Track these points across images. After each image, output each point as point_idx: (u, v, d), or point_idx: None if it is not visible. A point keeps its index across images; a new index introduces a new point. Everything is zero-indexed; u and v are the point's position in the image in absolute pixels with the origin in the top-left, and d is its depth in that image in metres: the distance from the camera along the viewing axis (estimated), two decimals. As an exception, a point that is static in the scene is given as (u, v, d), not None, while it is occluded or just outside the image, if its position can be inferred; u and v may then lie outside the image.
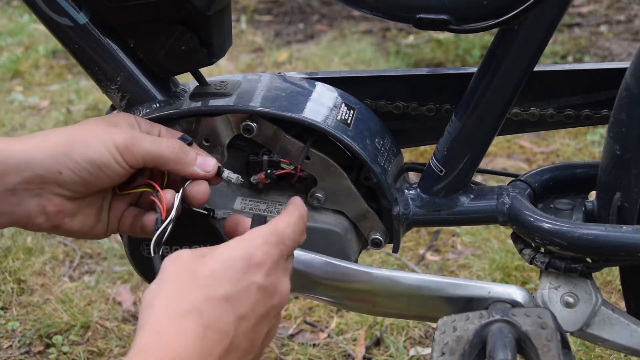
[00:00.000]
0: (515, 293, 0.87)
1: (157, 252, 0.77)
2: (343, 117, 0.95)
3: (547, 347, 0.73)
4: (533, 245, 0.94)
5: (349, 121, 0.95)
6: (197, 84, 0.99)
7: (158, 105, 0.94)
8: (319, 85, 1.00)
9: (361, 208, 0.97)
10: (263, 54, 3.31)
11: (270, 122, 0.93)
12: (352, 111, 0.97)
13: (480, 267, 1.77)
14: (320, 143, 0.94)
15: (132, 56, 0.93)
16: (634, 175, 0.88)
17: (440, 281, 0.90)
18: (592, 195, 0.96)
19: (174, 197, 0.81)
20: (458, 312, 0.80)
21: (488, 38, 2.87)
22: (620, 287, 1.27)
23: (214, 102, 0.94)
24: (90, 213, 0.83)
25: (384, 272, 0.91)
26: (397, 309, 0.95)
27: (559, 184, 1.00)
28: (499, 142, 2.35)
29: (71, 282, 1.79)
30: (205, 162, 0.83)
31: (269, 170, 0.94)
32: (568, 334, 0.90)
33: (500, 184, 1.02)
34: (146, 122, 0.88)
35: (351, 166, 0.97)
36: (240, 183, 0.87)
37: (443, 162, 0.96)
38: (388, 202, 0.96)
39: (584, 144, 2.32)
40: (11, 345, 1.60)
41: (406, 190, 1.00)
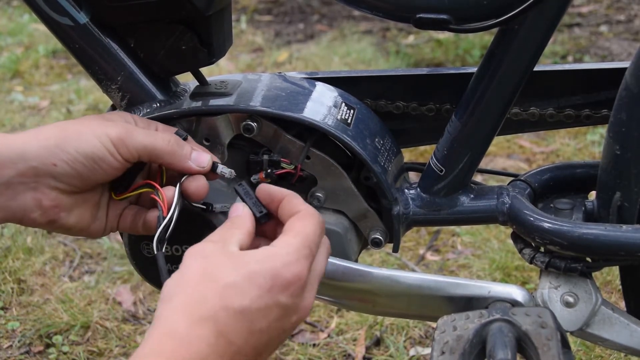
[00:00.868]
0: (515, 292, 0.87)
1: (160, 250, 0.77)
2: (343, 117, 0.95)
3: (547, 346, 0.73)
4: (533, 244, 0.94)
5: (349, 121, 0.95)
6: (198, 83, 0.99)
7: (158, 104, 0.94)
8: (319, 85, 1.00)
9: (361, 208, 0.97)
10: (263, 54, 3.31)
11: (270, 121, 0.93)
12: (352, 111, 0.97)
13: (480, 267, 1.77)
14: (321, 143, 0.95)
15: (132, 56, 0.93)
16: (634, 175, 0.88)
17: (440, 281, 0.90)
18: (592, 195, 0.96)
19: (175, 194, 0.81)
20: (458, 311, 0.80)
21: (488, 38, 2.87)
22: (620, 287, 1.27)
23: (214, 102, 0.94)
24: (87, 209, 0.83)
25: (384, 271, 0.91)
26: (397, 308, 0.95)
27: (559, 184, 1.00)
28: (499, 142, 2.35)
29: (71, 282, 1.79)
30: (200, 156, 0.83)
31: (269, 170, 0.94)
32: (568, 334, 0.90)
33: (500, 184, 1.02)
34: (143, 120, 0.88)
35: (351, 166, 0.97)
36: (233, 178, 0.87)
37: (443, 162, 0.97)
38: (388, 201, 0.96)
39: (584, 144, 2.33)
40: (11, 345, 1.60)
41: (406, 190, 1.00)
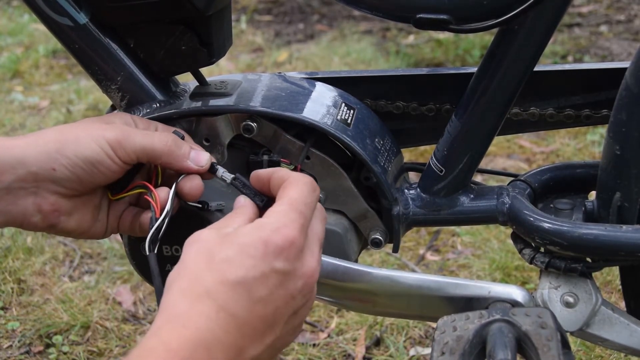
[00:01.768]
0: (515, 293, 0.87)
1: (152, 250, 0.77)
2: (343, 117, 0.95)
3: (547, 346, 0.73)
4: (533, 245, 0.94)
5: (349, 121, 0.95)
6: (197, 83, 0.99)
7: (158, 105, 0.94)
8: (319, 85, 1.00)
9: (361, 208, 0.97)
10: (263, 54, 3.31)
11: (270, 122, 0.93)
12: (352, 111, 0.97)
13: (480, 267, 1.77)
14: (321, 143, 0.95)
15: (132, 56, 0.93)
16: (634, 175, 0.88)
17: (440, 281, 0.90)
18: (592, 195, 0.96)
19: (168, 194, 0.81)
20: (458, 311, 0.80)
21: (488, 38, 2.87)
22: (620, 287, 1.27)
23: (214, 102, 0.94)
24: (87, 212, 0.83)
25: (384, 271, 0.91)
26: (397, 308, 0.95)
27: (559, 184, 1.00)
28: (499, 142, 2.35)
29: (71, 282, 1.79)
30: (198, 156, 0.83)
31: (269, 170, 0.94)
32: (568, 334, 0.90)
33: (500, 184, 1.02)
34: (143, 120, 0.88)
35: (351, 166, 0.97)
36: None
37: (443, 162, 0.96)
38: (388, 201, 0.96)
39: (584, 144, 2.33)
40: (11, 345, 1.60)
41: (406, 190, 1.00)
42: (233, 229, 0.71)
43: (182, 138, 0.85)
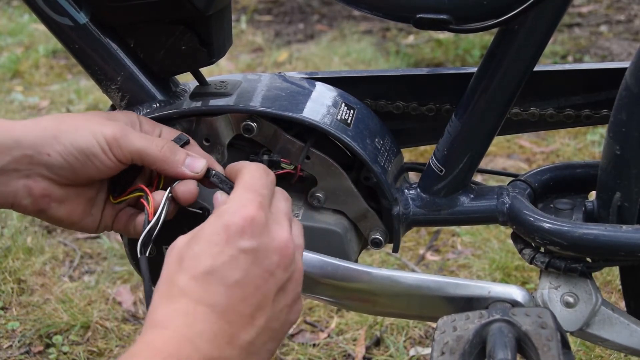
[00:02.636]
0: (515, 293, 0.87)
1: (144, 253, 0.77)
2: (343, 117, 0.95)
3: (547, 346, 0.73)
4: (533, 245, 0.94)
5: (349, 121, 0.95)
6: (197, 83, 0.99)
7: (158, 105, 0.94)
8: (319, 85, 1.00)
9: (361, 208, 0.97)
10: (263, 54, 3.31)
11: (270, 121, 0.93)
12: (352, 111, 0.97)
13: (480, 267, 1.77)
14: (321, 143, 0.94)
15: (132, 56, 0.93)
16: (634, 175, 0.88)
17: (440, 281, 0.90)
18: (592, 195, 0.96)
19: (162, 198, 0.81)
20: (458, 311, 0.80)
21: (488, 38, 2.87)
22: (620, 287, 1.27)
23: (214, 102, 0.94)
24: (80, 203, 0.83)
25: (384, 271, 0.91)
26: (397, 308, 0.95)
27: (559, 184, 1.00)
28: (499, 142, 2.35)
29: (71, 282, 1.79)
30: (193, 162, 0.83)
31: (269, 170, 0.94)
32: (568, 334, 0.90)
33: (500, 184, 1.02)
34: (148, 122, 0.88)
35: (351, 166, 0.97)
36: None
37: (443, 162, 0.96)
38: (388, 201, 0.96)
39: (584, 144, 2.33)
40: (11, 345, 1.60)
41: (406, 190, 1.00)
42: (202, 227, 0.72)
43: (187, 142, 0.85)
